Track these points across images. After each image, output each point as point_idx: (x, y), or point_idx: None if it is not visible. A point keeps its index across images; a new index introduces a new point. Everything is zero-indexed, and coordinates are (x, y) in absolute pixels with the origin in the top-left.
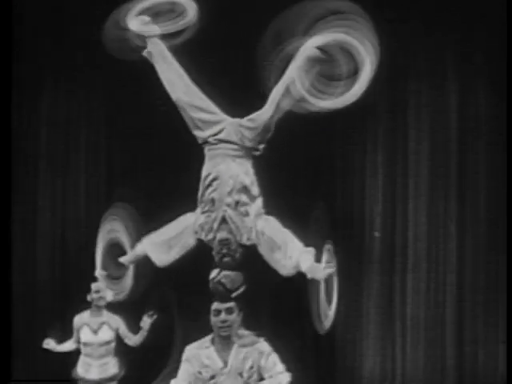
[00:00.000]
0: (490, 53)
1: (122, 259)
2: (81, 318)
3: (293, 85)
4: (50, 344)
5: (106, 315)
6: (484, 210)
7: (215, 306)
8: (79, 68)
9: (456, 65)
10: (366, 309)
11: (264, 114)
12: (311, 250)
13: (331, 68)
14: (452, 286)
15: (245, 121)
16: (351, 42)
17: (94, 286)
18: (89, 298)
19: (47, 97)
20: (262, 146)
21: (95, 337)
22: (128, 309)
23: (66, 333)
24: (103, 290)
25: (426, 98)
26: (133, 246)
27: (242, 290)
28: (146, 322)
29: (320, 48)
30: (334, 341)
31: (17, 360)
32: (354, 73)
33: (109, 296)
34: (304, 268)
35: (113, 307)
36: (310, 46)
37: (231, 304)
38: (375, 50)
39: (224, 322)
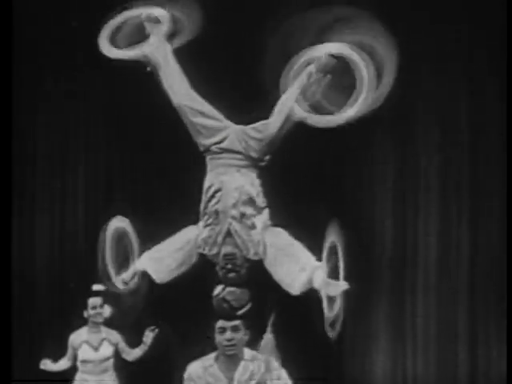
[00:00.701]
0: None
1: (123, 276)
2: (78, 336)
3: (302, 96)
4: (46, 365)
5: (105, 331)
6: (496, 221)
7: (220, 323)
8: (79, 68)
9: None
10: (375, 324)
11: (272, 126)
12: (324, 266)
13: (343, 78)
14: (463, 295)
15: (250, 129)
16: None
17: (91, 301)
18: (85, 314)
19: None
20: (267, 157)
21: (96, 354)
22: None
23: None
24: (101, 305)
25: (435, 108)
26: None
27: (248, 307)
28: (149, 336)
29: (333, 55)
30: (342, 355)
31: (17, 360)
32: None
33: (106, 312)
34: (317, 284)
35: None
36: (322, 53)
37: (237, 322)
38: (391, 60)
39: (230, 340)
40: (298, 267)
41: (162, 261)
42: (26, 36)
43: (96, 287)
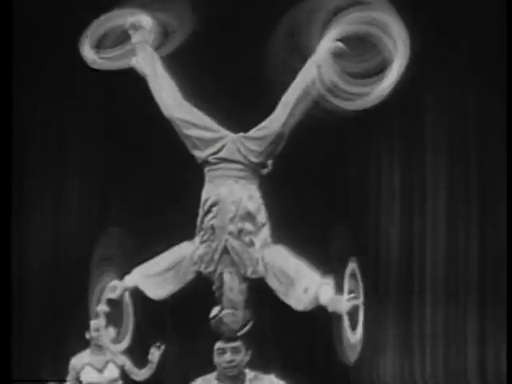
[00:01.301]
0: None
1: (111, 295)
2: (80, 359)
3: (312, 84)
4: None
5: (109, 353)
6: (503, 224)
7: (219, 344)
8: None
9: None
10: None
11: (275, 121)
12: (330, 282)
13: (355, 64)
14: (473, 303)
15: (250, 132)
16: (376, 34)
17: (93, 323)
18: (87, 336)
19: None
20: (270, 162)
21: (101, 376)
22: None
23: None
24: (104, 328)
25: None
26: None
27: (248, 327)
28: (155, 354)
29: (342, 40)
30: (348, 374)
31: (17, 360)
32: (381, 70)
33: (111, 334)
34: (324, 301)
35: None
36: (330, 39)
37: (237, 343)
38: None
39: (230, 362)
40: (301, 286)
41: (156, 278)
42: (25, 36)
43: (101, 308)
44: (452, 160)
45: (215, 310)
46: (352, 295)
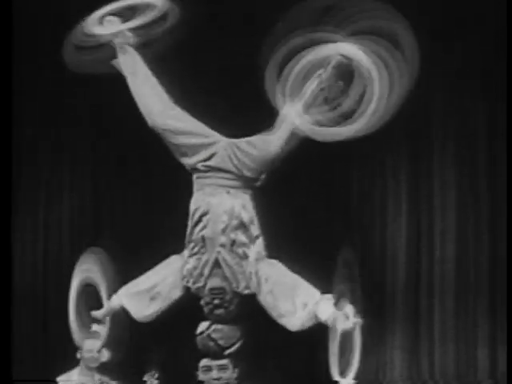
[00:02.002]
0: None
1: (96, 313)
2: (67, 379)
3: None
4: None
5: (99, 378)
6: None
7: (204, 362)
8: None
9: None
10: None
11: (274, 144)
12: (330, 297)
13: (351, 84)
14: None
15: (245, 144)
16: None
17: (87, 343)
18: (78, 355)
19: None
20: (263, 177)
21: None
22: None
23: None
24: (98, 349)
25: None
26: (108, 295)
27: (237, 346)
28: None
29: (347, 57)
30: None
31: (17, 360)
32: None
33: (104, 357)
34: (325, 318)
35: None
36: (331, 54)
37: (224, 361)
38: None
39: (217, 379)
40: (298, 303)
41: (142, 296)
42: (25, 36)
43: (95, 328)
44: (461, 159)
45: (203, 326)
46: (356, 315)
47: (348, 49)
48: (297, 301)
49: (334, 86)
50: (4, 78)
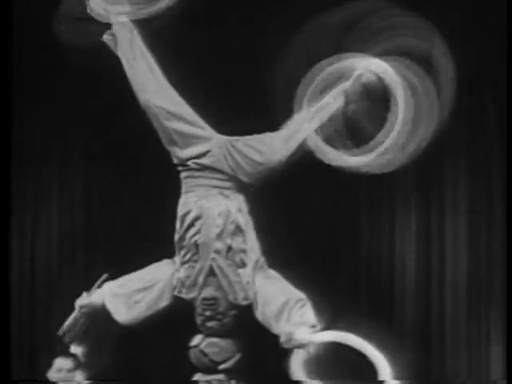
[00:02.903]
0: None
1: (77, 302)
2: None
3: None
4: None
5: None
6: None
7: (197, 377)
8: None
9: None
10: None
11: (279, 153)
12: (316, 325)
13: (375, 107)
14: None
15: (245, 147)
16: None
17: (57, 362)
18: (49, 375)
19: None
20: (258, 184)
21: None
22: None
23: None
24: (70, 370)
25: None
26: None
27: (234, 360)
28: None
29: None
30: None
31: (17, 360)
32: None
33: (77, 378)
34: (296, 336)
35: None
36: (364, 69)
37: (219, 376)
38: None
39: None
40: (284, 326)
41: (124, 297)
42: (26, 36)
43: (74, 350)
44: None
45: (197, 339)
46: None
47: (382, 67)
48: (286, 316)
49: (357, 104)
50: (4, 77)
